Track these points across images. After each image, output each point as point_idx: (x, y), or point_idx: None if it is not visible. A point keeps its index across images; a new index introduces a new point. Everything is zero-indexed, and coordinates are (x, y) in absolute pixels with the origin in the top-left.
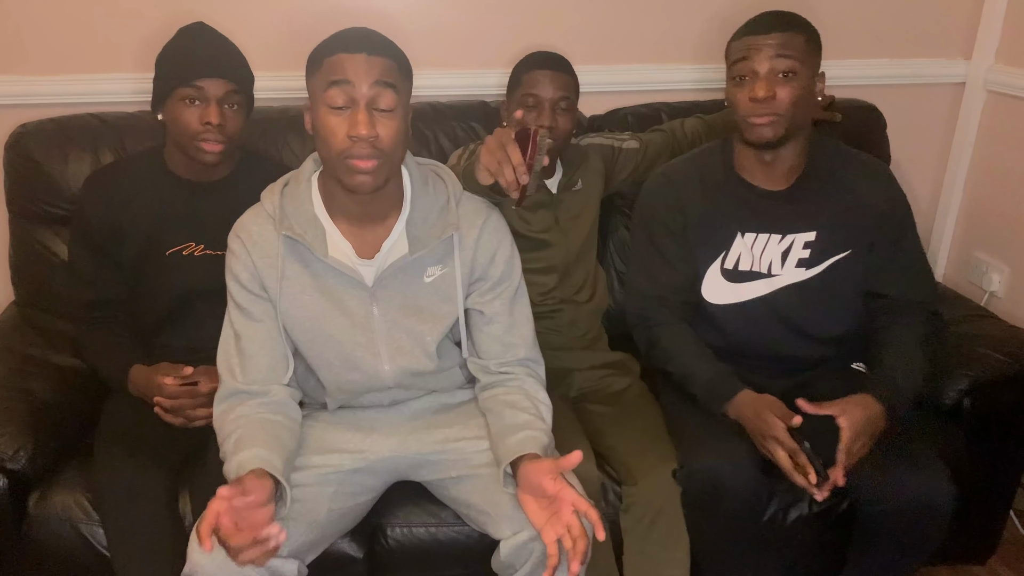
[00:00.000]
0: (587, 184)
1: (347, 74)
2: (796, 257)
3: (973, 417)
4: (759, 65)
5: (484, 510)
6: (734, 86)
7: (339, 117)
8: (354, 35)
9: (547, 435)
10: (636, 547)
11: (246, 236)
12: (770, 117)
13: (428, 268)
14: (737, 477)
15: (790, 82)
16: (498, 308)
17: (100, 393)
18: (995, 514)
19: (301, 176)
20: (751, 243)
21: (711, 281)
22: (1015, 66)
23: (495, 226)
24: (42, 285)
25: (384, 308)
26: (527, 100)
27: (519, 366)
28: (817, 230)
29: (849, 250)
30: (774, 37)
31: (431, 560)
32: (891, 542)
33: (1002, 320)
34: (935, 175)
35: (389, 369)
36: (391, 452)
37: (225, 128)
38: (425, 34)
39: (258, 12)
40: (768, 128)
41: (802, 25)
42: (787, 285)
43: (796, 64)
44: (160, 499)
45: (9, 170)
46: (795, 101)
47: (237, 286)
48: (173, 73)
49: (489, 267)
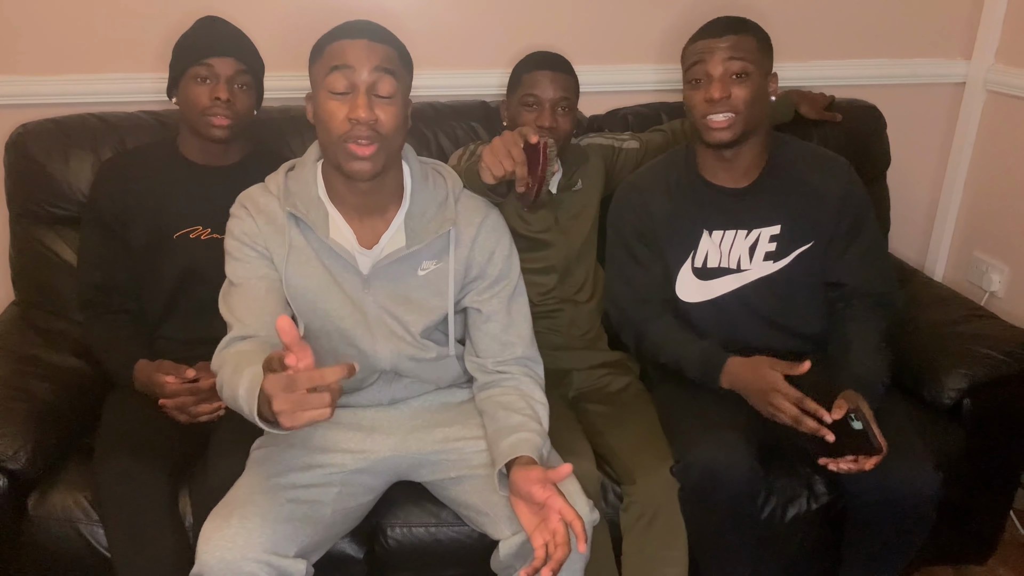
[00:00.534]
0: (587, 184)
1: (348, 59)
2: (763, 251)
3: (973, 417)
4: (713, 68)
5: (483, 511)
6: (690, 89)
7: (339, 102)
8: (356, 23)
9: (541, 435)
10: (635, 546)
11: (252, 204)
12: (726, 118)
13: (423, 262)
14: (733, 469)
15: (743, 82)
16: (496, 307)
17: (100, 393)
18: (995, 514)
19: (306, 160)
20: (719, 240)
21: (683, 280)
22: (1015, 66)
23: (494, 225)
24: (42, 285)
25: (376, 296)
26: (527, 100)
27: (516, 365)
28: (781, 223)
29: (812, 242)
30: (727, 40)
31: (431, 560)
32: (880, 535)
33: (1002, 320)
34: (935, 175)
35: (382, 349)
36: (392, 451)
37: (234, 105)
38: (425, 34)
39: (258, 12)
40: (726, 131)
41: (753, 28)
42: (756, 279)
43: (748, 65)
44: (161, 499)
45: (9, 170)
46: (749, 101)
47: (237, 243)
48: (186, 54)
49: (487, 265)
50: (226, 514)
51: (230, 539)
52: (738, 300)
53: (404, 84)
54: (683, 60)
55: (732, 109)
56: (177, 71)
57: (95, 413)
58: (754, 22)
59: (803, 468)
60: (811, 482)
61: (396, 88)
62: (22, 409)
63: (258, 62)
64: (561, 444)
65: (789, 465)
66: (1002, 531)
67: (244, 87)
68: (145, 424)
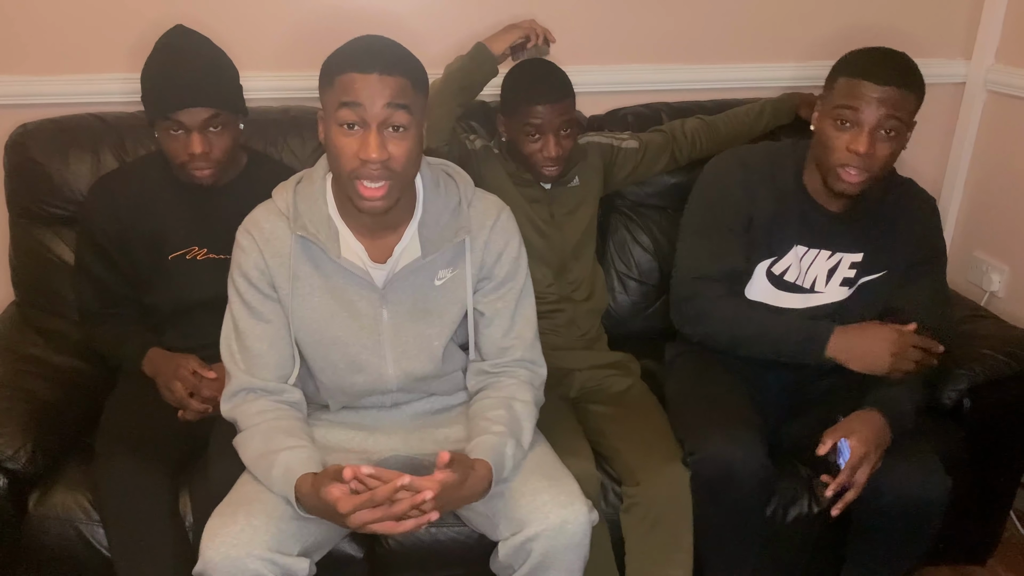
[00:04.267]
0: (584, 181)
1: (359, 96)
2: (841, 276)
3: (973, 417)
4: (867, 117)
5: (482, 512)
6: (833, 126)
7: (350, 137)
8: (367, 51)
9: (501, 436)
10: (638, 548)
11: (258, 232)
12: (862, 174)
13: (439, 271)
14: (748, 466)
15: (891, 140)
16: (500, 309)
17: (100, 393)
18: (995, 514)
19: (315, 175)
20: (802, 255)
21: (755, 279)
22: (1015, 66)
23: (504, 225)
24: (42, 285)
25: (393, 311)
26: (528, 131)
27: (515, 367)
28: (864, 251)
29: (884, 271)
30: (890, 92)
31: (431, 560)
32: (888, 537)
33: (1002, 320)
34: (935, 175)
35: (393, 373)
36: (393, 452)
37: (211, 154)
38: (425, 34)
39: (258, 12)
40: (856, 186)
41: (916, 83)
42: (825, 304)
43: (902, 125)
44: (162, 498)
45: (9, 170)
46: (889, 160)
47: (246, 283)
48: (152, 103)
49: (495, 266)
50: (231, 512)
51: (235, 536)
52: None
53: (418, 112)
54: (830, 86)
55: (869, 168)
56: (148, 116)
57: (95, 413)
58: (918, 70)
59: (804, 469)
60: (812, 484)
61: (410, 120)
62: (22, 409)
63: (231, 91)
64: (560, 444)
65: (791, 466)
66: (1002, 531)
67: (220, 127)
68: (146, 424)
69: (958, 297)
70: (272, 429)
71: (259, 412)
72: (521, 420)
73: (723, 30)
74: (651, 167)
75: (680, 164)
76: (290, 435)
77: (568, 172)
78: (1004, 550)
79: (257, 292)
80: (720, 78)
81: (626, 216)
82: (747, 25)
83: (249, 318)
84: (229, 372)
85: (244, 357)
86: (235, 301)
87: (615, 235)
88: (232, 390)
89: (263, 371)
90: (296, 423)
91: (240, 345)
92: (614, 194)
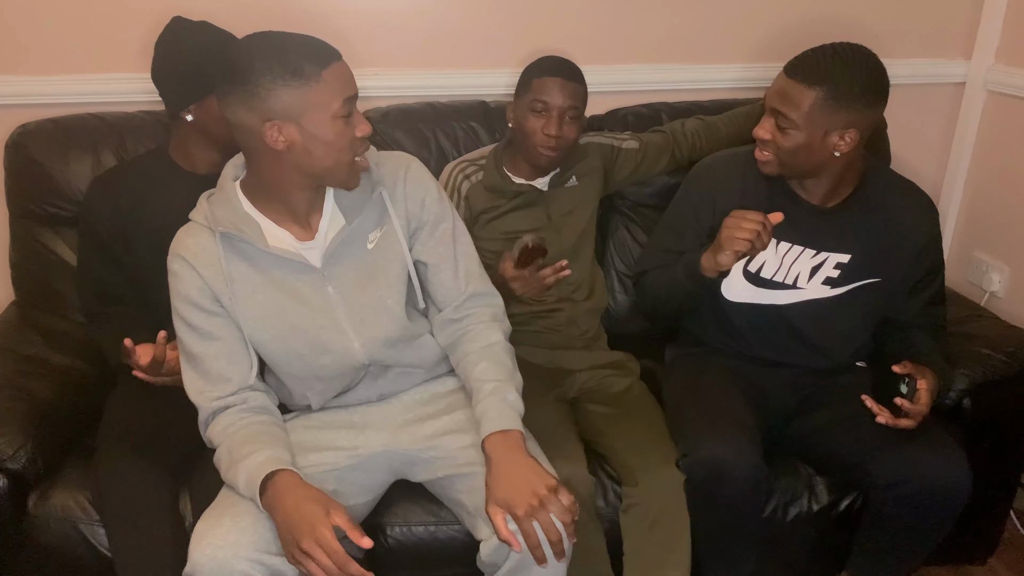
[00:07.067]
0: (583, 181)
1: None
2: (825, 275)
3: (973, 417)
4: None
5: (470, 510)
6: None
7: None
8: None
9: (502, 383)
10: (636, 548)
11: (184, 250)
12: (766, 155)
13: (369, 235)
14: (739, 467)
15: (786, 131)
16: (442, 253)
17: (100, 393)
18: (995, 514)
19: (223, 182)
20: (783, 252)
21: (731, 280)
22: (1015, 66)
23: (417, 172)
24: (42, 285)
25: (337, 285)
26: (536, 106)
27: (474, 304)
28: (852, 253)
29: (879, 278)
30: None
31: (431, 559)
32: (904, 527)
33: (1002, 320)
34: (935, 175)
35: (358, 345)
36: (384, 446)
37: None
38: (425, 34)
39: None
40: (765, 166)
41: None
42: (808, 300)
43: (795, 118)
44: (162, 498)
45: (9, 170)
46: (793, 150)
47: (188, 307)
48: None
49: (421, 212)
50: (218, 514)
51: (222, 538)
52: (780, 314)
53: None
54: None
55: (770, 154)
56: (198, 92)
57: (95, 413)
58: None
59: (804, 468)
60: (812, 483)
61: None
62: (22, 409)
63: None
64: (553, 447)
65: (791, 465)
66: (1002, 531)
67: None
68: (146, 424)
69: (958, 297)
70: (235, 443)
71: (223, 430)
72: (505, 360)
73: (724, 30)
74: (651, 167)
75: (680, 164)
76: (248, 442)
77: (566, 172)
78: (1004, 550)
79: (201, 311)
80: (720, 78)
81: (626, 216)
82: (747, 25)
83: (200, 342)
84: (196, 404)
85: (206, 381)
86: (182, 330)
87: (615, 235)
88: (202, 420)
89: (226, 386)
90: (257, 427)
91: (199, 372)
92: (614, 194)
